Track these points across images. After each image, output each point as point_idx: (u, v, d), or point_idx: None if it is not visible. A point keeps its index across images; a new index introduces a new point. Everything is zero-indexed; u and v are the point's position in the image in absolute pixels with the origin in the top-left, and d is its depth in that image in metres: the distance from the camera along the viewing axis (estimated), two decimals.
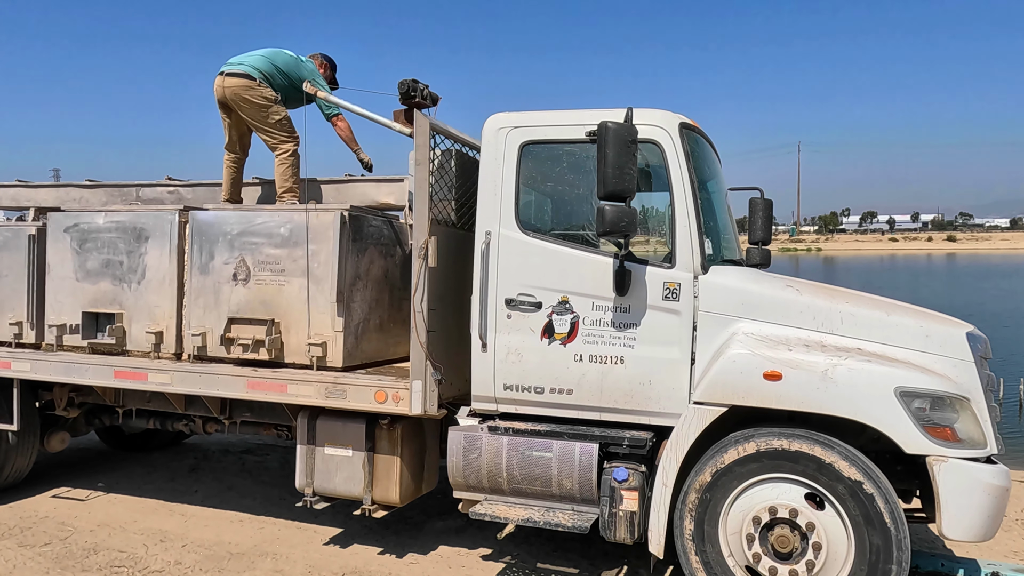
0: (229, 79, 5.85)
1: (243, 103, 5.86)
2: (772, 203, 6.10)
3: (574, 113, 4.61)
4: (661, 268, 4.38)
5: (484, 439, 4.60)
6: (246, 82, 5.82)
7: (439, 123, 4.83)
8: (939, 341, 4.16)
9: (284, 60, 5.99)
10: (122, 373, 5.47)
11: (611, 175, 3.99)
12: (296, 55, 6.09)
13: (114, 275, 5.64)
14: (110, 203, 6.76)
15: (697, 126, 4.78)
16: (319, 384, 4.90)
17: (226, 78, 5.86)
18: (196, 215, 5.43)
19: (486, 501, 4.64)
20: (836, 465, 3.91)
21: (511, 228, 4.61)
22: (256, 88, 5.83)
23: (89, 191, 7.02)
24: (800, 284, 4.58)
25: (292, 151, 5.94)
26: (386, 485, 4.95)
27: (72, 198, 7.02)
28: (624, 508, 4.27)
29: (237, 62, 5.91)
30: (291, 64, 6.00)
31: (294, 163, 5.95)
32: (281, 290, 5.13)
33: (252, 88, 5.82)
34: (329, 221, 4.99)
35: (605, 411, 4.48)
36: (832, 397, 3.95)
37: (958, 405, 3.93)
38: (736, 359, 4.13)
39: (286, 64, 5.98)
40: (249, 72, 5.82)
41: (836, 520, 3.94)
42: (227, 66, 5.91)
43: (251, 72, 5.83)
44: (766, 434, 4.08)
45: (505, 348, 4.59)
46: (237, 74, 5.83)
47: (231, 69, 5.86)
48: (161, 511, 6.14)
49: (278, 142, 5.93)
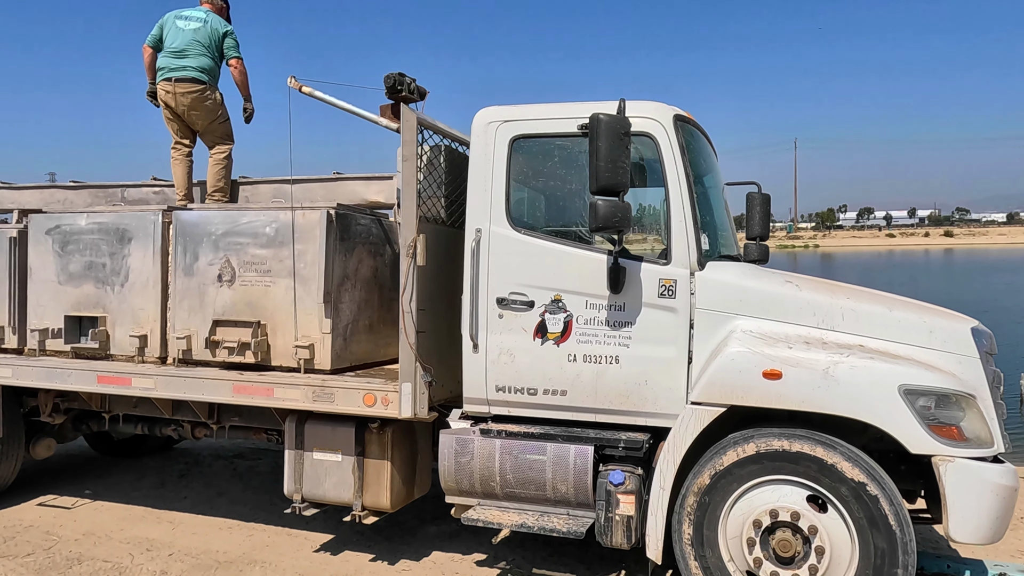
0: (180, 85, 6.07)
1: (194, 110, 6.12)
2: (770, 198, 5.97)
3: (566, 106, 4.49)
4: (656, 265, 4.25)
5: (476, 442, 4.48)
6: (198, 87, 6.08)
7: (427, 118, 4.71)
8: (943, 337, 4.03)
9: (204, 36, 6.14)
10: (105, 378, 5.33)
11: (604, 169, 3.86)
12: (198, 12, 6.26)
13: (97, 277, 5.51)
14: (95, 204, 6.63)
15: (692, 118, 4.65)
16: (306, 387, 4.76)
17: (176, 84, 6.07)
18: (180, 215, 5.30)
19: (479, 506, 4.52)
20: (839, 466, 3.79)
21: (502, 225, 4.48)
22: (208, 92, 6.10)
23: (73, 192, 6.89)
24: (800, 280, 4.46)
25: (228, 153, 6.26)
26: (376, 490, 4.82)
27: (57, 200, 6.89)
28: (621, 512, 4.14)
29: (180, 66, 6.09)
30: (208, 35, 6.16)
31: (228, 165, 6.28)
32: (267, 291, 5.00)
33: (204, 92, 6.09)
34: (315, 220, 4.87)
35: (600, 412, 4.35)
36: (834, 396, 3.82)
37: (964, 403, 3.80)
38: (735, 357, 4.01)
39: (208, 38, 6.15)
40: (198, 77, 6.06)
41: (839, 523, 3.81)
42: (172, 72, 6.10)
43: (200, 76, 6.06)
44: (766, 435, 3.96)
45: (497, 348, 4.46)
46: (187, 79, 6.06)
47: (180, 75, 6.07)
48: (148, 519, 6.00)
49: (218, 143, 6.22)
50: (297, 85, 5.02)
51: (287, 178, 5.84)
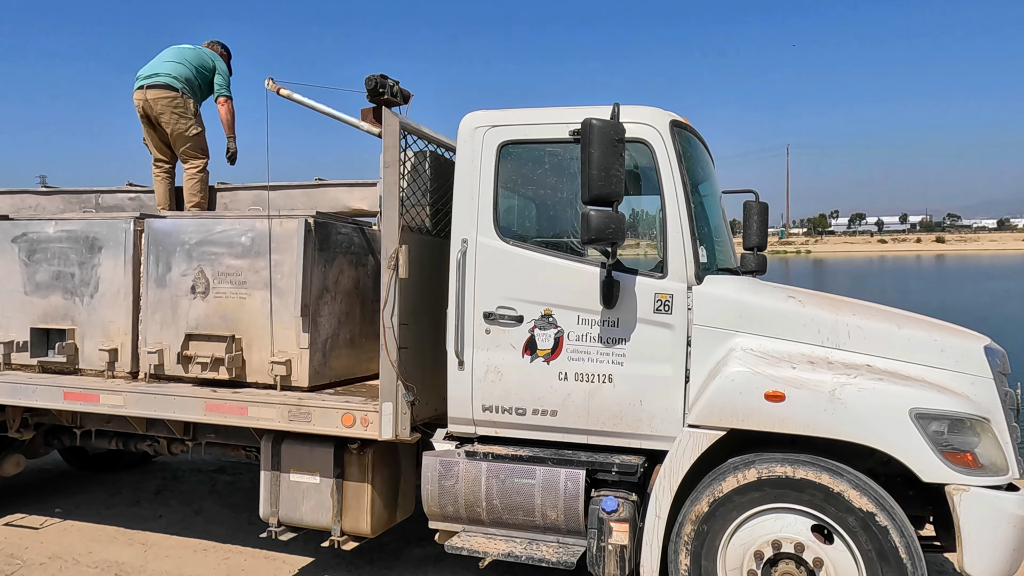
0: (152, 91, 5.88)
1: (166, 115, 5.90)
2: (768, 206, 5.77)
3: (557, 111, 4.26)
4: (652, 278, 4.02)
5: (461, 465, 4.24)
6: (170, 94, 5.88)
7: (410, 122, 4.47)
8: (955, 356, 3.82)
9: (191, 56, 6.09)
10: (72, 394, 5.06)
11: (596, 177, 3.63)
12: (195, 46, 6.24)
13: (65, 288, 5.25)
14: (68, 211, 6.37)
15: (689, 124, 4.43)
16: (282, 406, 4.51)
17: (148, 91, 5.89)
18: (152, 223, 5.05)
19: (464, 533, 4.27)
20: (846, 495, 3.56)
21: (489, 235, 4.25)
22: (180, 99, 5.91)
23: (46, 198, 6.62)
24: (803, 294, 4.24)
25: (203, 167, 6.07)
26: (356, 515, 4.57)
27: (28, 205, 6.61)
28: (614, 541, 3.90)
29: (154, 73, 5.96)
30: (197, 57, 6.11)
31: (204, 179, 6.06)
32: (242, 304, 4.76)
33: (176, 99, 5.89)
34: (293, 229, 4.63)
35: (592, 434, 4.12)
36: (840, 420, 3.60)
37: (978, 427, 3.58)
38: (735, 378, 3.78)
39: (195, 60, 6.08)
40: (171, 84, 5.89)
41: (846, 555, 3.59)
42: (145, 79, 5.96)
43: (173, 83, 5.90)
44: (768, 460, 3.73)
45: (484, 366, 4.23)
46: (159, 86, 5.89)
47: (152, 81, 5.92)
48: (120, 540, 5.73)
49: (191, 156, 6.02)
50: (275, 87, 4.79)
51: (265, 184, 5.60)
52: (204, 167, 6.06)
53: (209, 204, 6.14)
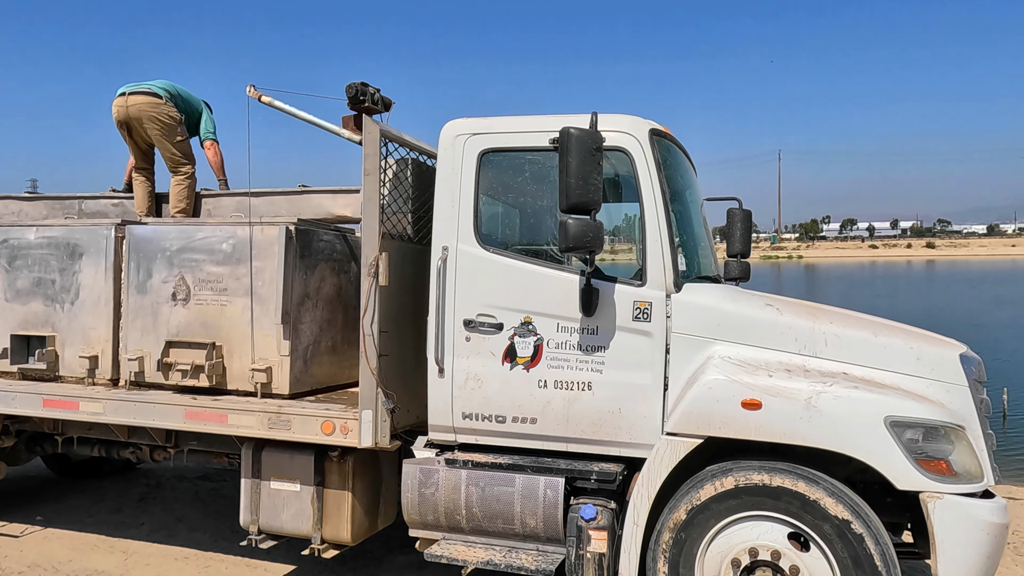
0: (134, 98, 5.91)
1: (150, 121, 5.90)
2: (751, 214, 5.78)
3: (537, 119, 4.27)
4: (631, 286, 4.03)
5: (441, 473, 4.23)
6: (154, 100, 5.91)
7: (392, 130, 4.48)
8: (931, 364, 3.84)
9: (181, 91, 6.16)
10: (51, 402, 5.04)
11: (574, 186, 3.65)
12: None
13: (46, 295, 5.24)
14: (51, 216, 6.34)
15: (669, 133, 4.45)
16: (261, 414, 4.50)
17: (130, 97, 5.91)
18: (133, 230, 5.04)
19: (444, 541, 4.27)
20: (822, 502, 3.57)
21: (470, 243, 4.25)
22: (163, 106, 5.92)
23: (28, 204, 6.58)
24: (780, 303, 4.26)
25: (191, 174, 6.05)
26: (336, 523, 4.55)
27: (10, 211, 6.58)
28: (592, 549, 3.90)
29: (137, 83, 6.03)
30: (185, 92, 6.20)
31: (191, 185, 6.05)
32: (223, 311, 4.75)
33: (159, 106, 5.90)
34: (274, 236, 4.62)
35: (572, 442, 4.12)
36: (816, 428, 3.61)
37: (953, 435, 3.60)
38: (712, 386, 3.79)
39: (183, 91, 6.17)
40: (156, 92, 5.94)
41: (822, 562, 3.60)
42: (128, 87, 5.99)
43: (158, 92, 5.94)
44: (745, 468, 3.74)
45: (464, 373, 4.22)
46: (142, 92, 5.92)
47: (134, 89, 5.96)
48: (101, 547, 5.70)
49: (178, 164, 5.99)
50: (257, 95, 4.79)
51: (248, 191, 5.59)
52: (192, 173, 6.05)
53: (194, 211, 6.12)
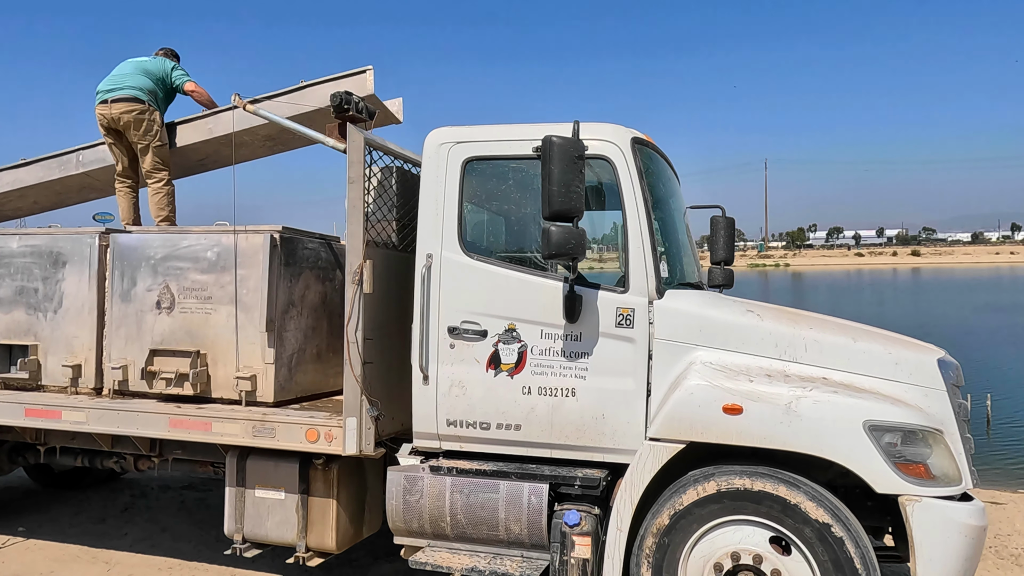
0: (117, 105, 5.88)
1: (136, 129, 5.90)
2: (734, 221, 5.85)
3: (520, 128, 4.31)
4: (614, 293, 4.07)
5: (426, 480, 4.24)
6: (138, 107, 5.89)
7: (376, 138, 4.51)
8: (909, 369, 3.89)
9: (152, 67, 6.11)
10: (33, 411, 5.02)
11: (557, 194, 3.68)
12: (149, 57, 6.28)
13: (28, 303, 5.22)
14: (47, 177, 6.31)
15: (651, 141, 4.50)
16: (245, 422, 4.50)
17: (112, 105, 5.89)
18: (118, 238, 5.04)
19: (429, 548, 4.27)
20: (802, 506, 3.61)
21: (454, 250, 4.28)
22: (148, 112, 5.91)
23: (24, 171, 6.40)
24: (761, 309, 4.30)
25: (167, 180, 6.02)
26: (321, 531, 4.55)
27: (5, 182, 6.47)
28: (576, 555, 3.92)
29: (117, 87, 5.97)
30: (157, 68, 6.13)
31: (169, 192, 6.03)
32: (208, 319, 4.75)
33: (144, 112, 5.90)
34: (258, 244, 4.64)
35: (556, 448, 4.14)
36: (796, 432, 3.65)
37: (931, 439, 3.65)
38: (694, 391, 3.83)
39: (156, 70, 6.11)
40: (137, 96, 5.91)
41: (804, 566, 3.63)
42: (108, 93, 5.96)
43: (139, 95, 5.92)
44: (727, 472, 3.77)
45: (448, 380, 4.24)
46: (125, 99, 5.89)
47: (116, 95, 5.92)
48: (83, 559, 5.65)
49: (155, 170, 5.97)
50: (242, 103, 4.81)
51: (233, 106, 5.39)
52: (168, 180, 6.05)
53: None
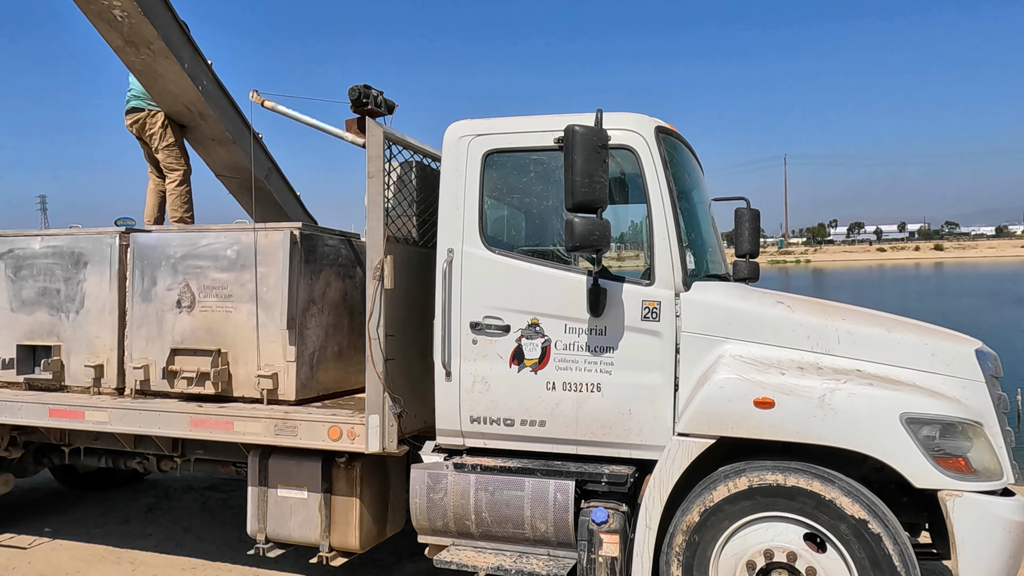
0: (127, 117, 6.20)
1: (142, 135, 6.19)
2: (759, 213, 5.72)
3: (541, 119, 4.24)
4: (639, 285, 3.98)
5: (450, 477, 4.18)
6: (139, 116, 6.14)
7: (395, 132, 4.45)
8: (946, 360, 3.77)
9: None
10: (57, 411, 5.02)
11: (580, 184, 3.61)
12: None
13: (51, 304, 5.23)
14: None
15: (676, 131, 4.41)
16: (267, 420, 4.47)
17: (126, 116, 6.27)
18: (137, 238, 5.03)
19: (453, 546, 4.21)
20: (837, 502, 3.50)
21: (475, 245, 4.21)
22: (148, 119, 6.11)
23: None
24: (791, 300, 4.20)
25: (182, 178, 6.15)
26: (344, 530, 4.51)
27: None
28: (604, 553, 3.84)
29: (126, 99, 6.25)
30: None
31: (184, 192, 6.17)
32: (228, 317, 4.72)
33: (145, 120, 6.12)
34: (278, 241, 4.60)
35: (581, 444, 4.07)
36: (830, 426, 3.55)
37: (971, 432, 3.53)
38: (723, 385, 3.73)
39: None
40: (137, 106, 6.14)
41: (840, 563, 3.53)
42: (127, 101, 6.26)
43: (139, 105, 6.13)
44: (759, 468, 3.67)
45: (471, 376, 4.18)
46: (128, 111, 6.18)
47: (126, 107, 6.23)
48: (108, 559, 5.66)
49: (169, 169, 6.14)
50: (260, 100, 4.79)
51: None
52: (183, 178, 6.13)
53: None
